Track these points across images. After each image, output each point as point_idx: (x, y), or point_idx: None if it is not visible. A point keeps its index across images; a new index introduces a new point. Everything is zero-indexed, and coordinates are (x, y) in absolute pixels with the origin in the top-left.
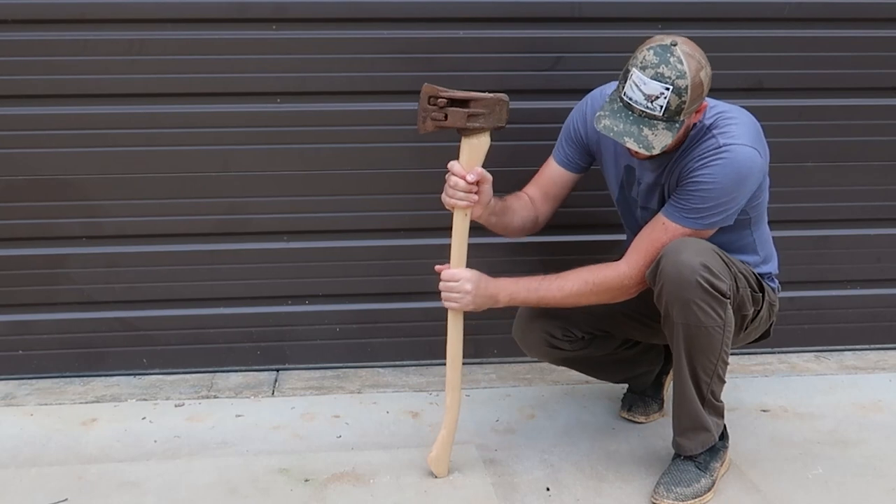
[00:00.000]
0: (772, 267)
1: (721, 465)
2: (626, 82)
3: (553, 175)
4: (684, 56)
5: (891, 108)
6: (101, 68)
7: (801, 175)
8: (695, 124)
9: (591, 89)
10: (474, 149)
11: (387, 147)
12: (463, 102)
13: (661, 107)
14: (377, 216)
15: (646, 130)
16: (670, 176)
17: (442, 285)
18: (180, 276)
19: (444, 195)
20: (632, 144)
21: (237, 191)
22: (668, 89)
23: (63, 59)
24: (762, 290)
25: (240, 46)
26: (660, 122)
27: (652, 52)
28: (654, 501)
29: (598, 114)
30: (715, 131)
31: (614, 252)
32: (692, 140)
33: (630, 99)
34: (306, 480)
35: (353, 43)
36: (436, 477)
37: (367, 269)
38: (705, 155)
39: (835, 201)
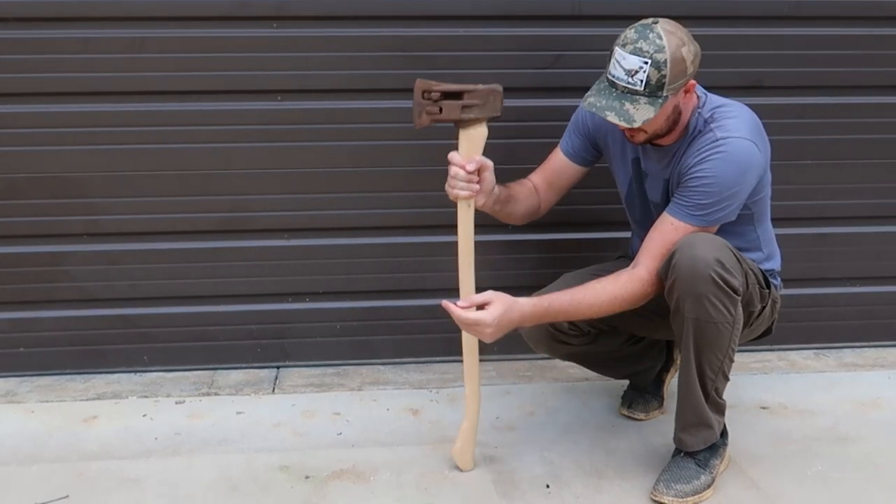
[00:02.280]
0: (775, 264)
1: (721, 463)
2: (610, 61)
3: (558, 165)
4: (664, 32)
5: (890, 105)
6: (102, 66)
7: (800, 173)
8: (694, 118)
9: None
10: (472, 139)
11: (388, 145)
12: (456, 95)
13: (641, 81)
14: (378, 214)
15: (627, 105)
16: (675, 170)
17: (462, 326)
18: (181, 274)
19: (446, 186)
20: (612, 118)
21: (238, 188)
22: (646, 63)
23: (64, 57)
24: (769, 286)
25: (241, 44)
26: (641, 97)
27: (633, 30)
28: (654, 498)
29: (585, 95)
30: (713, 125)
31: (617, 249)
32: (692, 133)
33: (613, 76)
34: (307, 478)
35: (353, 40)
36: (461, 470)
37: (368, 266)
38: (703, 150)
39: (834, 199)
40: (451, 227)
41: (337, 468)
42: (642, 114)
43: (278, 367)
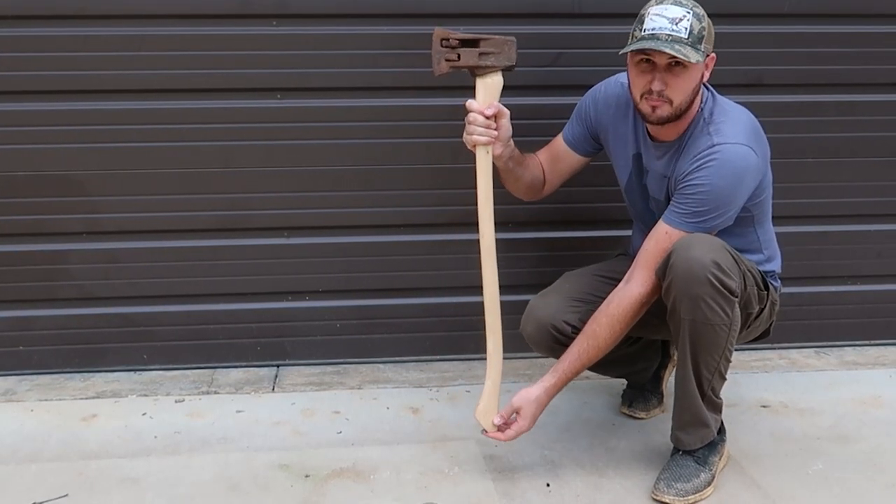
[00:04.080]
0: (775, 265)
1: (719, 459)
2: (642, 23)
3: (559, 151)
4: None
5: (891, 103)
6: (101, 64)
7: (800, 171)
8: (697, 114)
9: (593, 85)
10: (489, 88)
11: (388, 143)
12: (473, 42)
13: (686, 28)
14: (378, 212)
15: (679, 47)
16: (675, 168)
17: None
18: (181, 272)
19: (464, 134)
20: (669, 49)
21: (238, 187)
22: (689, 13)
23: (63, 55)
24: (767, 288)
25: (240, 42)
26: (685, 45)
27: None
28: (655, 497)
29: (625, 47)
30: (710, 127)
31: (618, 247)
32: (693, 132)
33: (653, 29)
34: (307, 476)
35: (353, 39)
36: (484, 431)
37: (368, 264)
38: (700, 155)
39: (835, 197)
40: (452, 226)
41: (337, 467)
42: (692, 54)
43: (278, 366)
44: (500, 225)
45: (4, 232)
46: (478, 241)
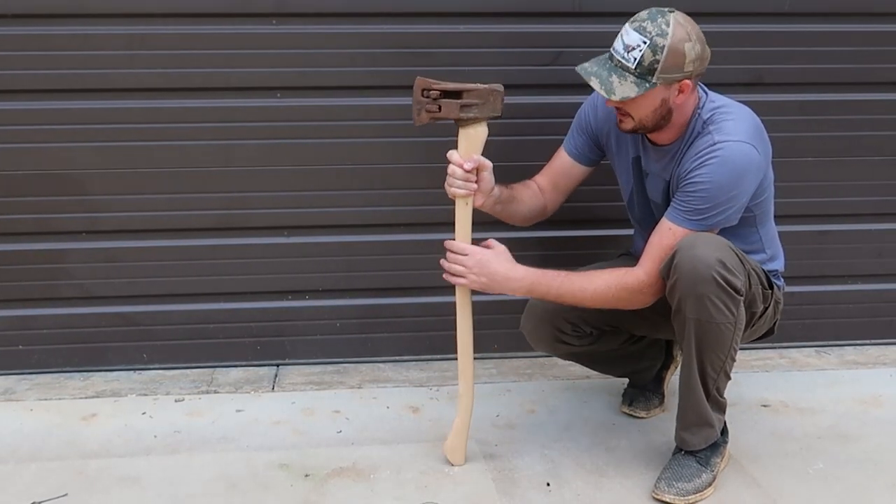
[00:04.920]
0: (778, 265)
1: (721, 461)
2: (617, 36)
3: (563, 166)
4: (674, 22)
5: (891, 102)
6: (101, 63)
7: (801, 170)
8: (693, 119)
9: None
10: (471, 139)
11: (387, 142)
12: (456, 94)
13: (635, 59)
14: (377, 211)
15: (614, 77)
16: (675, 170)
17: (448, 256)
18: (181, 272)
19: (445, 184)
20: (595, 84)
21: (238, 186)
22: (644, 43)
23: (63, 53)
24: (771, 287)
25: (240, 41)
26: (630, 75)
27: (647, 11)
28: (656, 496)
29: (584, 63)
30: (711, 127)
31: (619, 247)
32: (692, 135)
33: (613, 49)
34: (306, 476)
35: (353, 37)
36: (452, 465)
37: (368, 263)
38: (701, 154)
39: (835, 196)
40: (451, 225)
41: (337, 466)
42: (624, 90)
43: (278, 365)
44: (501, 224)
45: (4, 231)
46: (478, 240)
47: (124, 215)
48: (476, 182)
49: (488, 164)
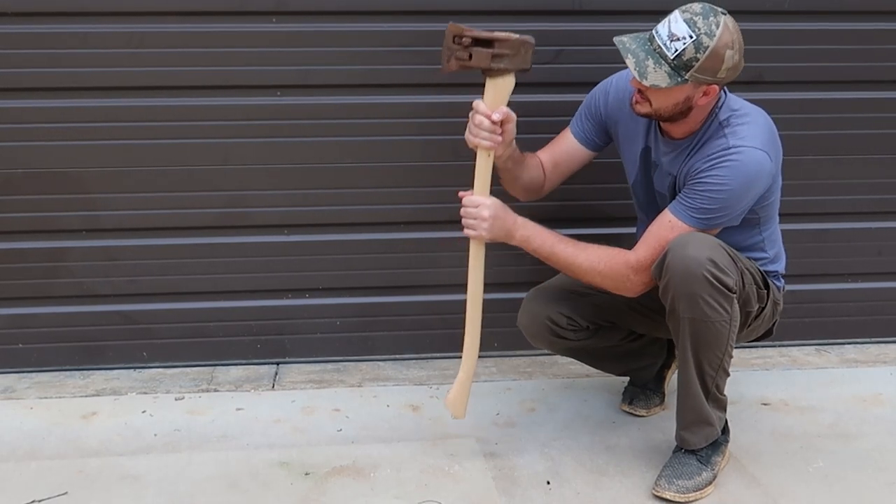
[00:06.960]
0: (779, 266)
1: (722, 459)
2: (664, 19)
3: (566, 147)
4: (723, 26)
5: (891, 100)
6: (100, 61)
7: (801, 168)
8: (710, 119)
9: (593, 82)
10: (499, 89)
11: (387, 140)
12: (488, 43)
13: (676, 50)
14: (377, 209)
15: (650, 61)
16: (683, 167)
17: (463, 211)
18: (180, 270)
19: (467, 134)
20: (630, 63)
21: (237, 184)
22: (690, 38)
23: (62, 52)
24: (767, 287)
25: (240, 39)
26: (665, 64)
27: (700, 5)
28: (656, 494)
29: (622, 36)
30: (727, 129)
31: (623, 245)
32: (705, 134)
33: (657, 32)
34: (307, 474)
35: (353, 36)
36: (453, 417)
37: (368, 262)
38: (715, 155)
39: (835, 194)
40: (451, 224)
41: (337, 464)
42: (657, 78)
43: (278, 364)
44: None
45: (4, 229)
46: None
47: (124, 213)
48: (500, 134)
49: (514, 115)
